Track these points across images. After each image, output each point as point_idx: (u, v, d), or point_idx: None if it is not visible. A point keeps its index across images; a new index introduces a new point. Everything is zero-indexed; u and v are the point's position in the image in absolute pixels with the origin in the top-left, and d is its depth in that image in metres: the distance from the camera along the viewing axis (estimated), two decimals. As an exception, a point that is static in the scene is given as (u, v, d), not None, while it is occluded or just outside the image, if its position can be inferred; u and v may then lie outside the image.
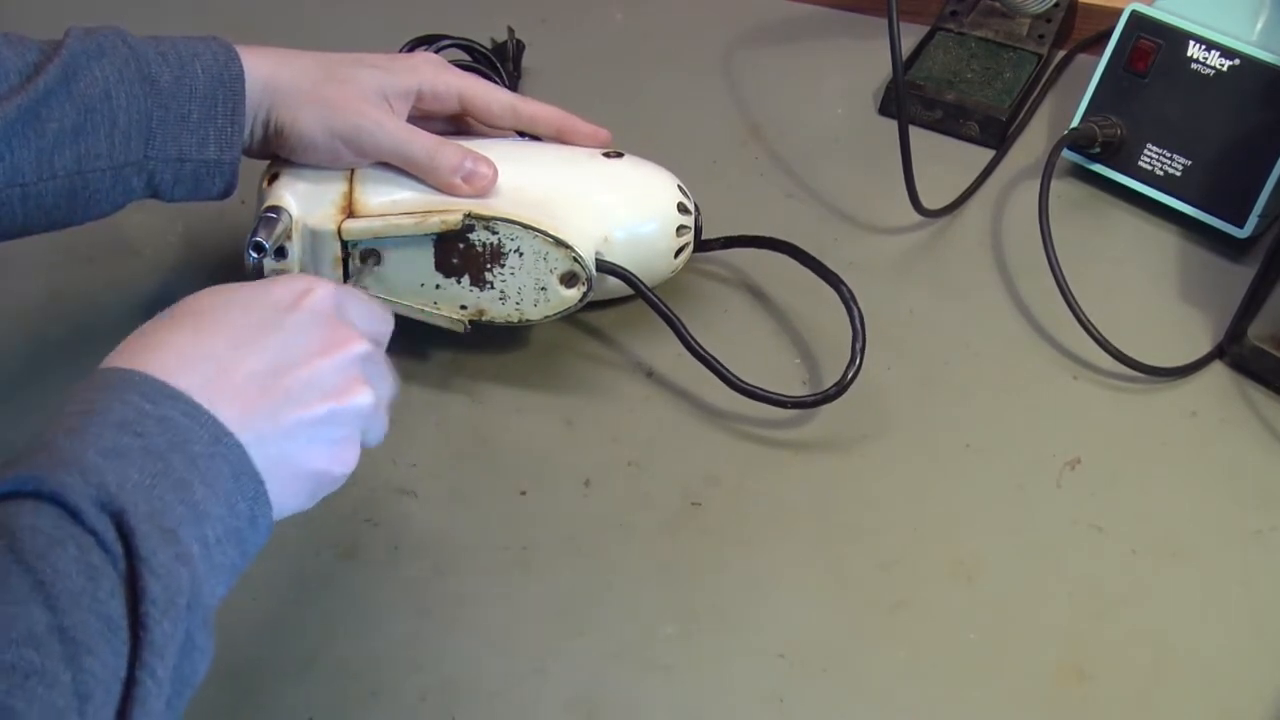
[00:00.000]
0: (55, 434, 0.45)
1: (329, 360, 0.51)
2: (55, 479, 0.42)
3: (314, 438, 0.50)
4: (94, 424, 0.45)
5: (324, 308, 0.52)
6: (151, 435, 0.45)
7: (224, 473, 0.46)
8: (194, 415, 0.46)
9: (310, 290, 0.52)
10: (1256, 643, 0.60)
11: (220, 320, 0.50)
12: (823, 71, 0.93)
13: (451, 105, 0.71)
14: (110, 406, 0.45)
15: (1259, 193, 0.76)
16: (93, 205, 0.62)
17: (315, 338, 0.51)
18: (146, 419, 0.45)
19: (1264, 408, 0.71)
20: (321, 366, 0.51)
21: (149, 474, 0.44)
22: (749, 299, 0.76)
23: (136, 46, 0.62)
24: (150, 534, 0.43)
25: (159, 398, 0.46)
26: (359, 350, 0.52)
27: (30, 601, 0.40)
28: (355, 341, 0.52)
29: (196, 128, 0.63)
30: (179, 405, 0.46)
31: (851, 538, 0.64)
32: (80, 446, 0.44)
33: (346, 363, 0.52)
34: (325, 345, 0.51)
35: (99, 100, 0.60)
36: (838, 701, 0.58)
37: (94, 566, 0.41)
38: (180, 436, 0.45)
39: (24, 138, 0.58)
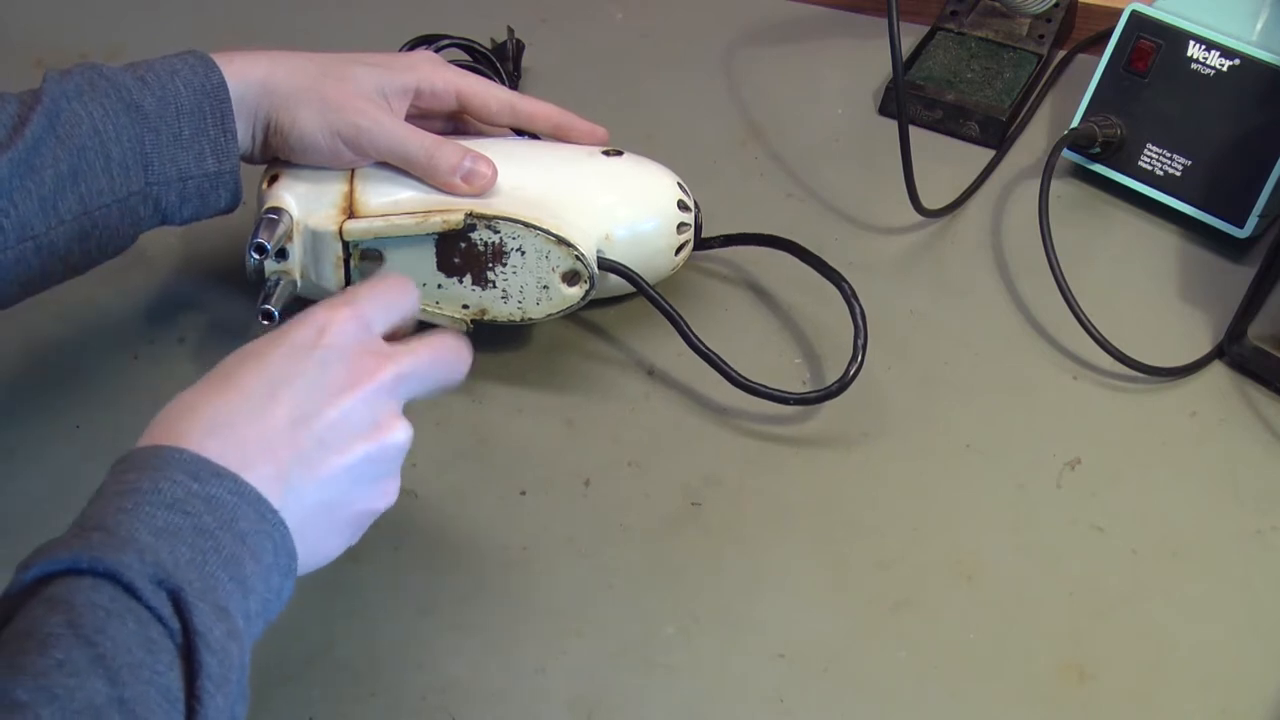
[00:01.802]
0: (106, 513, 0.45)
1: (356, 396, 0.50)
2: (112, 557, 0.43)
3: (354, 480, 0.50)
4: (145, 504, 0.45)
5: (345, 339, 0.51)
6: (201, 514, 0.45)
7: (268, 549, 0.47)
8: (239, 492, 0.47)
9: (328, 324, 0.51)
10: (1256, 643, 0.61)
11: (243, 377, 0.50)
12: (823, 71, 0.93)
13: (450, 103, 0.71)
14: (158, 486, 0.46)
15: (1259, 193, 0.76)
16: (106, 243, 0.62)
17: (339, 374, 0.50)
18: (194, 498, 0.46)
19: (1264, 408, 0.71)
20: (349, 405, 0.50)
21: (200, 551, 0.45)
22: (750, 297, 0.76)
23: (114, 77, 0.62)
24: (206, 611, 0.43)
25: (205, 475, 0.46)
26: (387, 378, 0.51)
27: (90, 674, 0.40)
28: (382, 368, 0.51)
29: (190, 144, 0.63)
30: (224, 483, 0.46)
31: (851, 537, 0.65)
32: (133, 526, 0.44)
33: (377, 394, 0.51)
34: (351, 379, 0.50)
35: (89, 138, 0.60)
36: (838, 701, 0.58)
37: (152, 640, 0.42)
38: (228, 514, 0.46)
39: (24, 190, 0.58)
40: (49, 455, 0.67)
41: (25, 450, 0.68)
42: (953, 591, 0.62)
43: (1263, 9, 0.77)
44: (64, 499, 0.65)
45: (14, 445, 0.68)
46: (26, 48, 0.92)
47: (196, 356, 0.72)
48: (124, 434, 0.68)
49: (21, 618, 0.42)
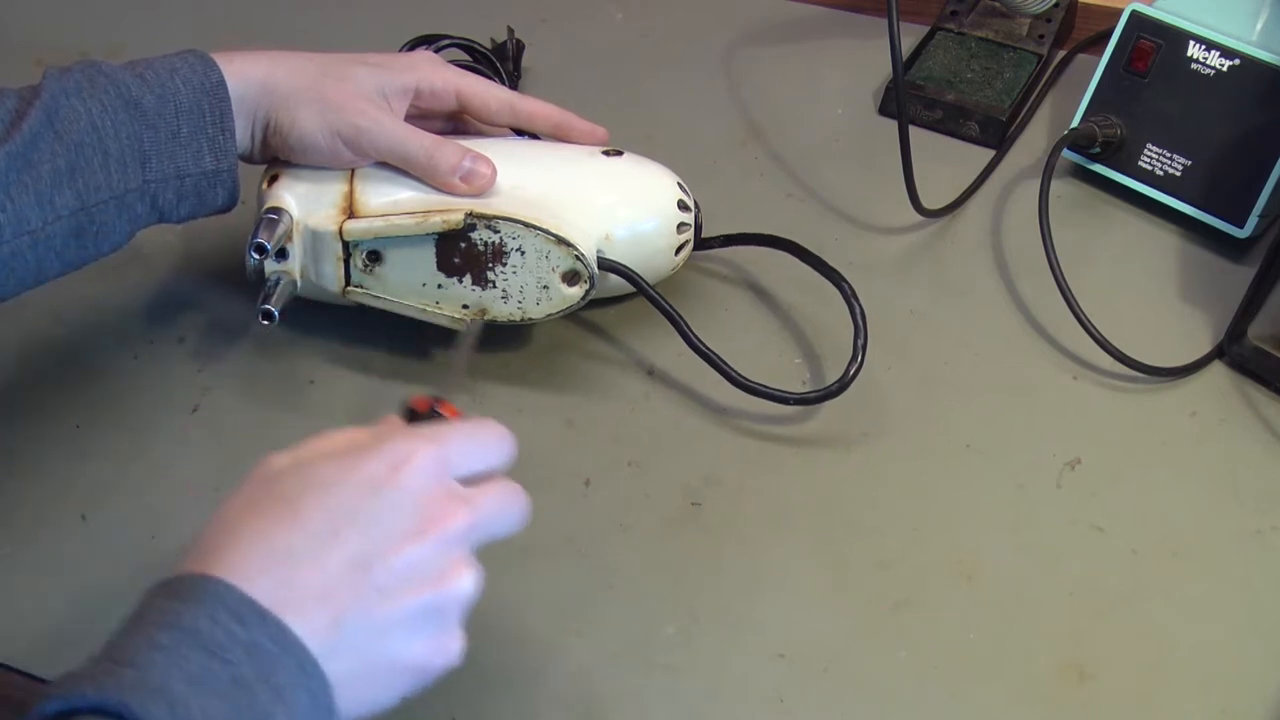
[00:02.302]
0: (140, 648, 0.43)
1: (425, 545, 0.47)
2: (141, 705, 0.40)
3: (412, 632, 0.47)
4: (183, 644, 0.43)
5: (420, 481, 0.48)
6: (240, 663, 0.43)
7: (304, 703, 0.44)
8: (282, 641, 0.44)
9: (408, 460, 0.48)
10: (1256, 643, 0.61)
11: (306, 508, 0.47)
12: (823, 71, 0.93)
13: (449, 103, 0.71)
14: (199, 625, 0.43)
15: (1259, 193, 0.76)
16: (102, 239, 0.62)
17: (410, 518, 0.47)
18: (236, 644, 0.43)
19: (1264, 408, 0.71)
20: (416, 553, 0.47)
21: (235, 704, 0.42)
22: (750, 297, 0.76)
23: (113, 74, 0.62)
24: None
25: (250, 619, 0.44)
26: (459, 527, 0.48)
27: None
28: (456, 516, 0.48)
29: (189, 142, 0.63)
30: (268, 629, 0.44)
31: (851, 537, 0.65)
32: (167, 670, 0.42)
33: (446, 543, 0.48)
34: (421, 525, 0.47)
35: (87, 134, 0.60)
36: (838, 701, 0.58)
37: None
38: (267, 666, 0.43)
39: (21, 185, 0.58)
40: (49, 455, 0.67)
41: (25, 450, 0.68)
42: (953, 591, 0.62)
43: (1263, 9, 0.77)
44: (64, 499, 0.66)
45: (14, 445, 0.68)
46: (26, 47, 0.92)
47: (196, 356, 0.72)
48: (124, 434, 0.68)
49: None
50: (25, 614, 0.61)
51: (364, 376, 0.72)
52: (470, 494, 0.49)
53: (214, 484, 0.66)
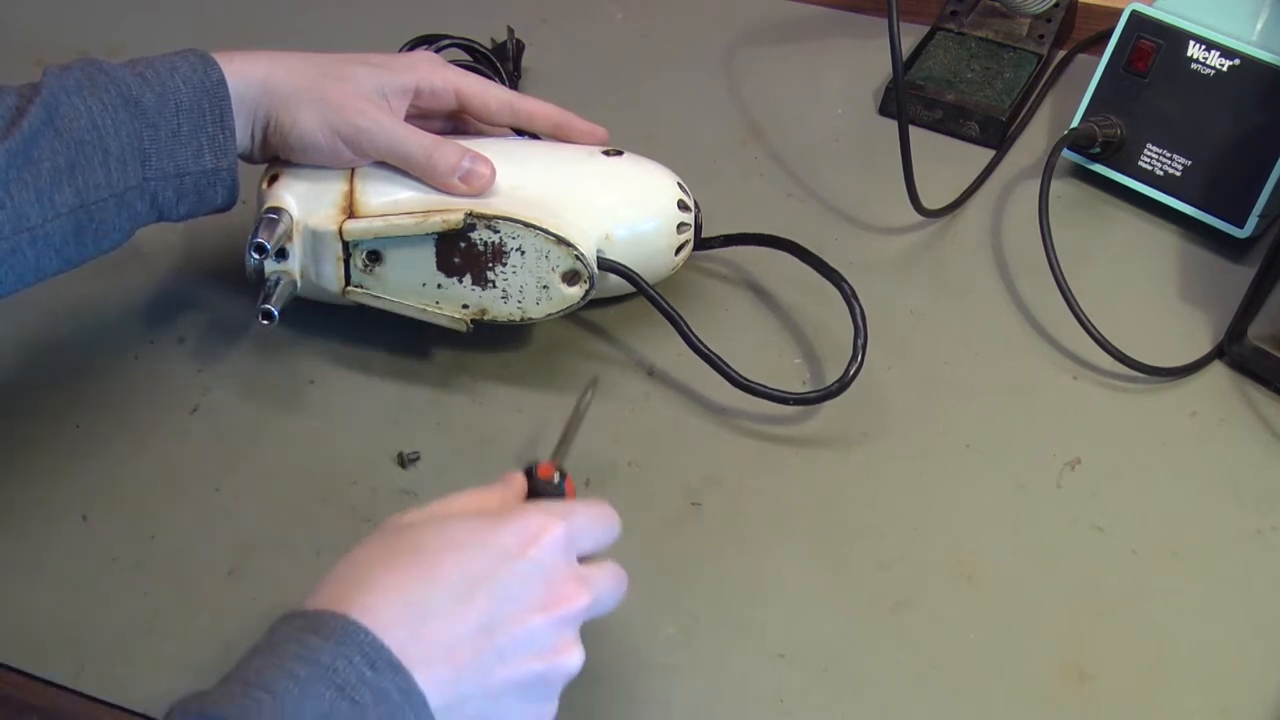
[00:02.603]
0: (277, 677, 0.44)
1: (547, 619, 0.49)
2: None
3: (520, 698, 0.49)
4: (318, 680, 0.44)
5: (550, 556, 0.50)
6: (366, 706, 0.44)
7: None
8: (407, 692, 0.46)
9: (539, 536, 0.50)
10: (1256, 643, 0.61)
11: (442, 566, 0.48)
12: (823, 71, 0.93)
13: (449, 103, 0.71)
14: (335, 664, 0.45)
15: (1259, 193, 0.76)
16: (102, 237, 0.62)
17: (537, 592, 0.49)
18: (365, 687, 0.45)
19: (1264, 408, 0.71)
20: (538, 626, 0.49)
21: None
22: (749, 297, 0.76)
23: (114, 73, 0.62)
24: None
25: (381, 665, 0.45)
26: (579, 608, 0.50)
27: None
28: (578, 598, 0.50)
29: (188, 140, 0.63)
30: (397, 679, 0.45)
31: (851, 537, 0.65)
32: (300, 701, 0.43)
33: (565, 621, 0.50)
34: (546, 602, 0.49)
35: (86, 131, 0.60)
36: (838, 701, 0.58)
37: None
38: (390, 713, 0.45)
39: (20, 182, 0.58)
40: (49, 456, 0.67)
41: (25, 450, 0.68)
42: (953, 591, 0.62)
43: (1263, 9, 0.77)
44: (64, 499, 0.66)
45: (14, 445, 0.68)
46: (26, 47, 0.92)
47: (196, 356, 0.72)
48: (124, 434, 0.68)
49: None
50: (25, 614, 0.61)
51: (364, 376, 0.72)
52: (588, 574, 0.52)
53: (214, 484, 0.66)
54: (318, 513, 0.65)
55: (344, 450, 0.68)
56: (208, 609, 0.61)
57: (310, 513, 0.65)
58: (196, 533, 0.64)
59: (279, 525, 0.65)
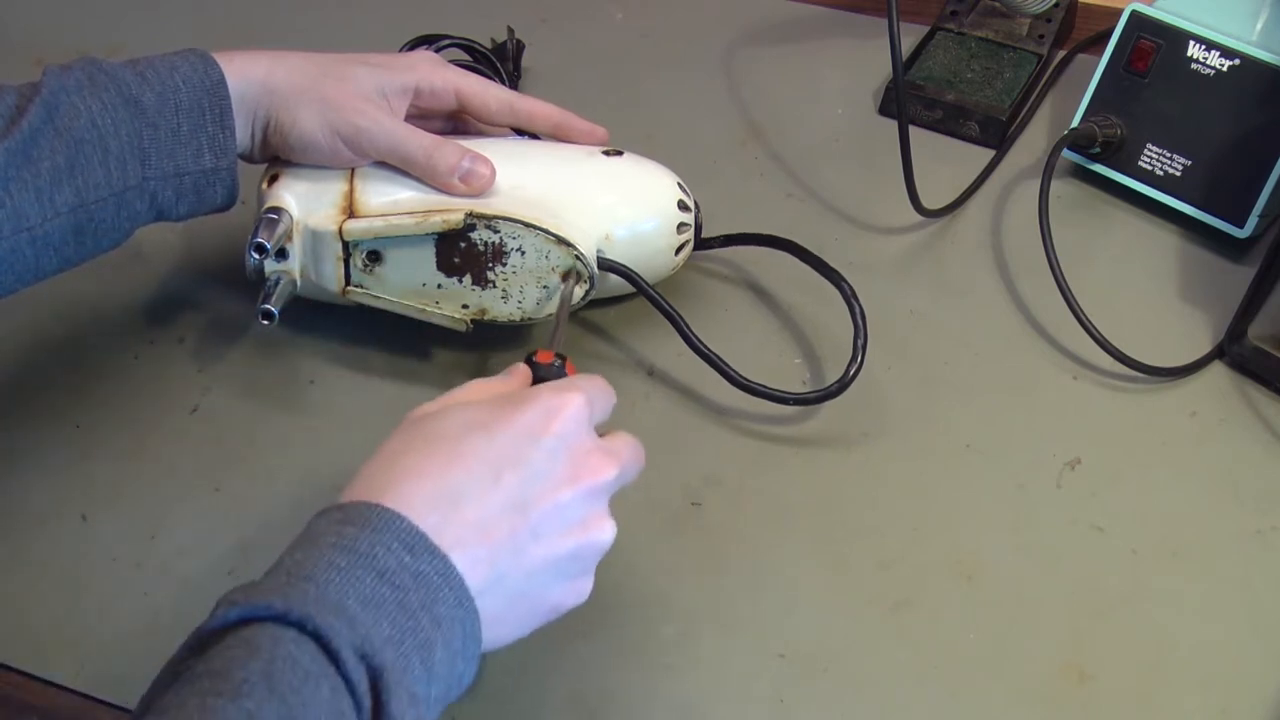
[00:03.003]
0: (318, 566, 0.45)
1: (576, 492, 0.50)
2: (323, 620, 0.43)
3: (556, 574, 0.50)
4: (358, 566, 0.45)
5: (572, 430, 0.51)
6: (408, 590, 0.45)
7: (458, 635, 0.47)
8: (446, 574, 0.47)
9: (560, 410, 0.51)
10: (1256, 643, 0.61)
11: (469, 450, 0.49)
12: (823, 71, 0.93)
13: (449, 103, 0.71)
14: (373, 551, 0.46)
15: (1259, 193, 0.76)
16: (101, 237, 0.62)
17: (565, 467, 0.50)
18: (405, 572, 0.46)
19: (1264, 408, 0.71)
20: (568, 499, 0.50)
21: (400, 630, 0.45)
22: (749, 297, 0.76)
23: (114, 72, 0.62)
24: (401, 697, 0.43)
25: (419, 550, 0.46)
26: (608, 479, 0.51)
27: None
28: (605, 469, 0.51)
29: (188, 140, 0.63)
30: (435, 562, 0.46)
31: (851, 537, 0.65)
32: (342, 588, 0.44)
33: (594, 493, 0.51)
34: (574, 475, 0.50)
35: (86, 131, 0.60)
36: (838, 701, 0.58)
37: (342, 713, 0.42)
38: (431, 596, 0.46)
39: (20, 181, 0.58)
40: (49, 455, 0.67)
41: (25, 450, 0.68)
42: (953, 591, 0.62)
43: (1263, 9, 0.77)
44: (64, 499, 0.66)
45: (14, 445, 0.68)
46: (26, 47, 0.92)
47: (196, 356, 0.72)
48: (124, 434, 0.68)
49: (217, 655, 0.42)
50: (25, 614, 0.61)
51: (364, 376, 0.72)
52: (611, 446, 0.53)
53: (214, 484, 0.66)
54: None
55: (344, 450, 0.68)
56: (208, 609, 0.61)
57: (310, 513, 0.65)
58: (196, 533, 0.64)
59: (279, 525, 0.64)
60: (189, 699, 0.40)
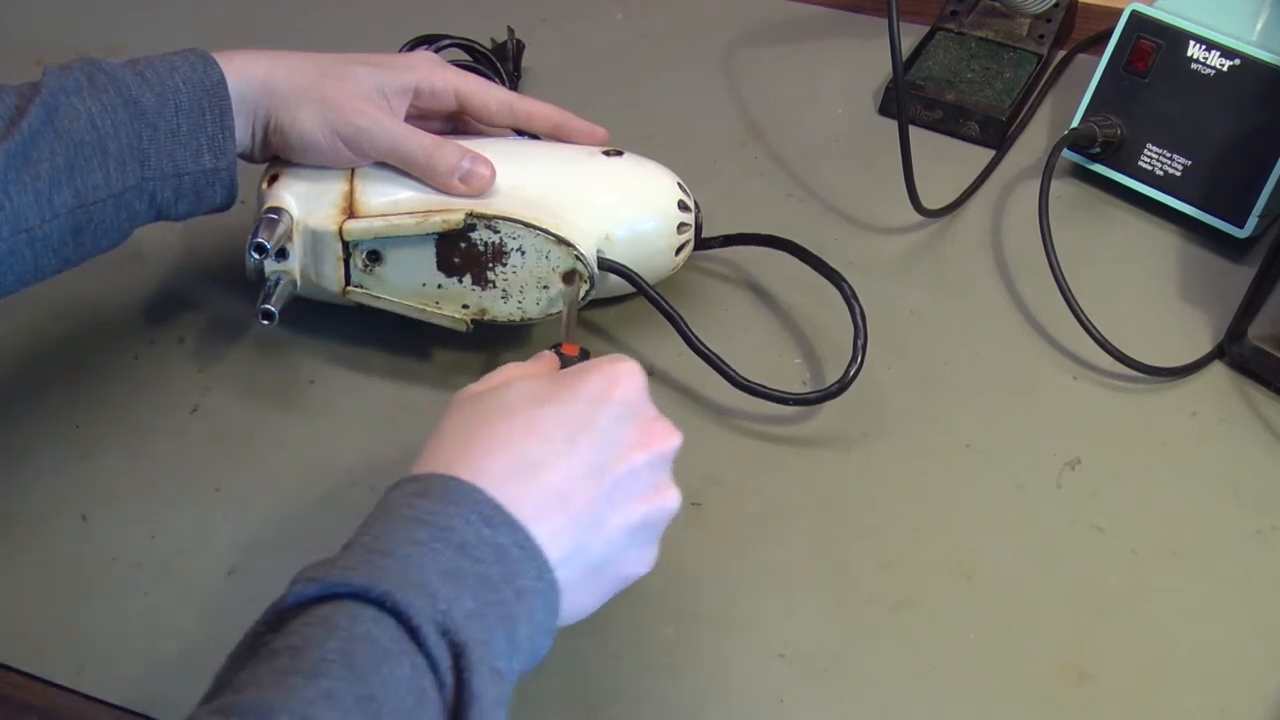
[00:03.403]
0: (397, 541, 0.45)
1: (648, 456, 0.50)
2: (403, 595, 0.42)
3: (630, 541, 0.50)
4: (437, 540, 0.45)
5: (636, 396, 0.52)
6: (488, 563, 0.45)
7: (538, 608, 0.47)
8: (526, 547, 0.46)
9: (621, 379, 0.52)
10: (1256, 643, 0.61)
11: (541, 418, 0.49)
12: (823, 71, 0.93)
13: (449, 103, 0.71)
14: (452, 525, 0.45)
15: (1259, 193, 0.76)
16: (100, 237, 0.62)
17: (632, 432, 0.51)
18: (485, 545, 0.45)
19: (1264, 408, 0.71)
20: (640, 464, 0.50)
21: (484, 604, 0.44)
22: (749, 297, 0.76)
23: (113, 73, 0.62)
24: (484, 674, 0.43)
25: (497, 523, 0.46)
26: (675, 444, 0.52)
27: (355, 712, 0.39)
28: (671, 436, 0.52)
29: (188, 140, 0.63)
30: (514, 535, 0.46)
31: (851, 537, 0.65)
32: (422, 563, 0.44)
33: (663, 458, 0.51)
34: (643, 438, 0.51)
35: (85, 132, 0.60)
36: (838, 701, 0.58)
37: (423, 690, 0.41)
38: (511, 570, 0.45)
39: (19, 183, 0.58)
40: (49, 455, 0.67)
41: (25, 450, 0.68)
42: (953, 591, 0.62)
43: (1263, 9, 0.77)
44: (64, 499, 0.66)
45: (14, 445, 0.68)
46: (26, 47, 0.92)
47: (196, 356, 0.72)
48: (124, 434, 0.68)
49: (295, 631, 0.42)
50: (25, 614, 0.61)
51: (364, 376, 0.72)
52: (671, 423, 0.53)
53: (214, 484, 0.66)
54: (318, 513, 0.65)
55: (344, 450, 0.68)
56: (208, 609, 0.61)
57: (310, 513, 0.65)
58: (196, 533, 0.64)
59: (279, 525, 0.65)
60: (265, 676, 0.40)
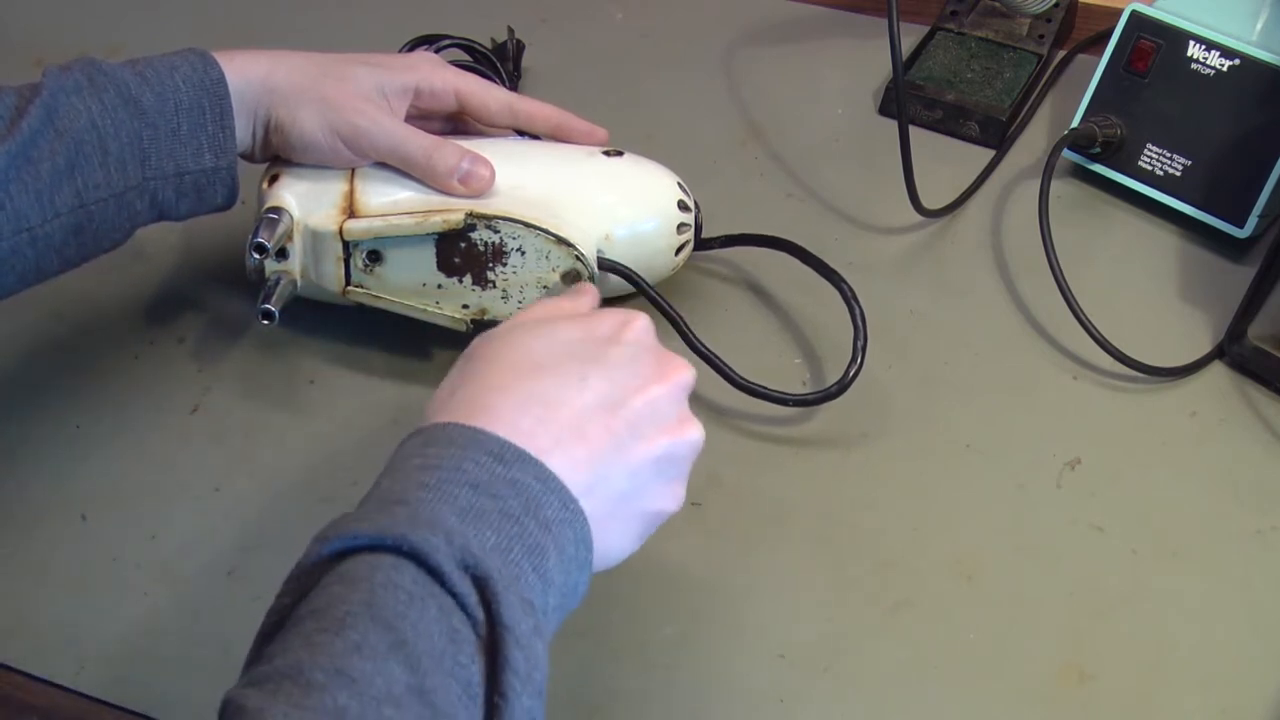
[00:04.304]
0: (407, 488, 0.44)
1: (664, 388, 0.51)
2: (418, 536, 0.41)
3: (655, 474, 0.50)
4: (448, 482, 0.44)
5: (646, 338, 0.52)
6: (507, 498, 0.44)
7: (569, 539, 0.46)
8: (545, 479, 0.46)
9: (629, 321, 0.52)
10: (1256, 643, 0.61)
11: (550, 358, 0.50)
12: (823, 71, 0.93)
13: (449, 103, 0.71)
14: (461, 465, 0.45)
15: (1259, 193, 0.76)
16: (102, 237, 0.62)
17: (648, 366, 0.51)
18: (499, 481, 0.45)
19: (1264, 408, 0.71)
20: (659, 395, 0.50)
21: (506, 537, 0.44)
22: (750, 297, 0.76)
23: (113, 73, 0.62)
24: (513, 603, 0.42)
25: (509, 458, 0.45)
26: (688, 377, 0.52)
27: (389, 659, 0.39)
28: (686, 368, 0.52)
29: (188, 140, 0.63)
30: (530, 468, 0.45)
31: (852, 537, 0.65)
32: (437, 504, 0.43)
33: (680, 391, 0.51)
34: (658, 373, 0.51)
35: (86, 132, 0.60)
36: (838, 701, 0.58)
37: (455, 630, 0.41)
38: (533, 501, 0.45)
39: (20, 182, 0.58)
40: (49, 455, 0.67)
41: (25, 450, 0.68)
42: (953, 591, 0.62)
43: (1263, 9, 0.77)
44: (64, 499, 0.66)
45: (14, 445, 0.68)
46: (26, 47, 0.92)
47: (196, 356, 0.72)
48: (124, 434, 0.68)
49: (318, 594, 0.41)
50: (25, 614, 0.61)
51: (364, 376, 0.72)
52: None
53: (214, 484, 0.66)
54: (318, 513, 0.65)
55: (344, 450, 0.68)
56: (208, 609, 0.61)
57: (310, 513, 0.65)
58: (196, 533, 0.64)
59: (279, 525, 0.65)
60: (294, 640, 0.40)
